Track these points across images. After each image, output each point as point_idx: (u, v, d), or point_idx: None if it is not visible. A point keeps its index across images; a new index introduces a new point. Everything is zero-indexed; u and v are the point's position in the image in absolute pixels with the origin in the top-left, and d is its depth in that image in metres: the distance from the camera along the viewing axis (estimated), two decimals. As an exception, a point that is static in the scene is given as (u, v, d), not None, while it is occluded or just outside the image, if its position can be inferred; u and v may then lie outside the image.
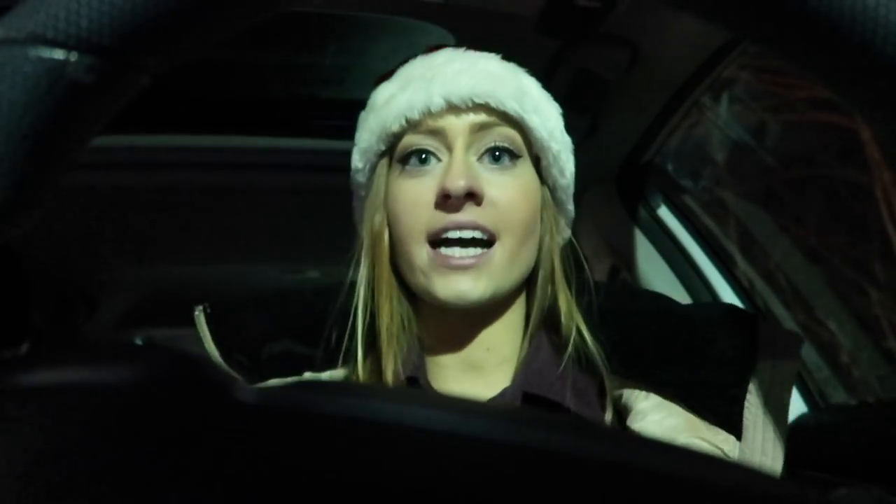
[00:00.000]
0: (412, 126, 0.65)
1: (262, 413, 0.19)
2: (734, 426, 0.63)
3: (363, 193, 0.71)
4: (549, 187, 0.69)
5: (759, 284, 1.99)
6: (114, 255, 1.67)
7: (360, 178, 0.70)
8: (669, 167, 1.52)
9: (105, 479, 0.18)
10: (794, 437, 0.64)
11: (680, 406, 0.64)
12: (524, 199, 0.65)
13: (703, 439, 0.63)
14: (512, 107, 0.64)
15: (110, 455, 0.19)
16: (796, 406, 1.03)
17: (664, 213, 1.28)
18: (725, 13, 0.24)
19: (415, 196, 0.64)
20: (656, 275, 1.23)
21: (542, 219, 0.68)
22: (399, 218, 0.65)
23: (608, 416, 0.66)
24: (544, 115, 0.67)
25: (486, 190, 0.63)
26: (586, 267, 0.70)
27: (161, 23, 0.23)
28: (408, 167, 0.66)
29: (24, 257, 1.53)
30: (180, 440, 0.19)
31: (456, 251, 0.63)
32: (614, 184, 1.30)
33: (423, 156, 0.65)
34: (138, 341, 2.38)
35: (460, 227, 0.62)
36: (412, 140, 0.65)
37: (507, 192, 0.64)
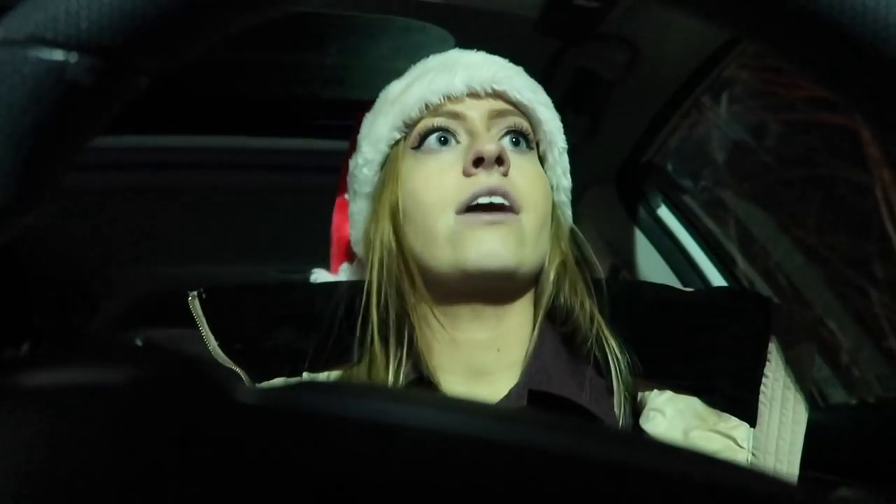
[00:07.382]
0: (431, 111, 0.66)
1: (261, 414, 0.19)
2: (748, 412, 0.61)
3: (367, 189, 0.70)
4: (552, 186, 0.69)
5: (759, 284, 1.98)
6: (114, 255, 1.67)
7: (367, 171, 0.69)
8: (669, 167, 1.52)
9: (104, 480, 0.19)
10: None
11: (693, 398, 0.62)
12: (541, 183, 0.67)
13: (716, 430, 0.61)
14: (528, 97, 0.67)
15: (109, 456, 0.19)
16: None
17: (664, 212, 1.27)
18: (723, 13, 0.24)
19: (438, 170, 0.64)
20: (656, 275, 1.23)
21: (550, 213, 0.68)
22: (420, 195, 0.64)
23: (620, 416, 0.64)
24: (552, 112, 0.70)
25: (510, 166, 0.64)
26: (598, 266, 0.71)
27: (161, 23, 0.23)
28: (424, 148, 0.66)
29: (24, 257, 1.53)
30: (179, 441, 0.19)
31: (485, 213, 0.62)
32: (614, 184, 1.29)
33: (443, 137, 0.65)
34: (138, 341, 2.38)
35: (491, 192, 0.62)
36: (430, 122, 0.66)
37: (527, 173, 0.65)
